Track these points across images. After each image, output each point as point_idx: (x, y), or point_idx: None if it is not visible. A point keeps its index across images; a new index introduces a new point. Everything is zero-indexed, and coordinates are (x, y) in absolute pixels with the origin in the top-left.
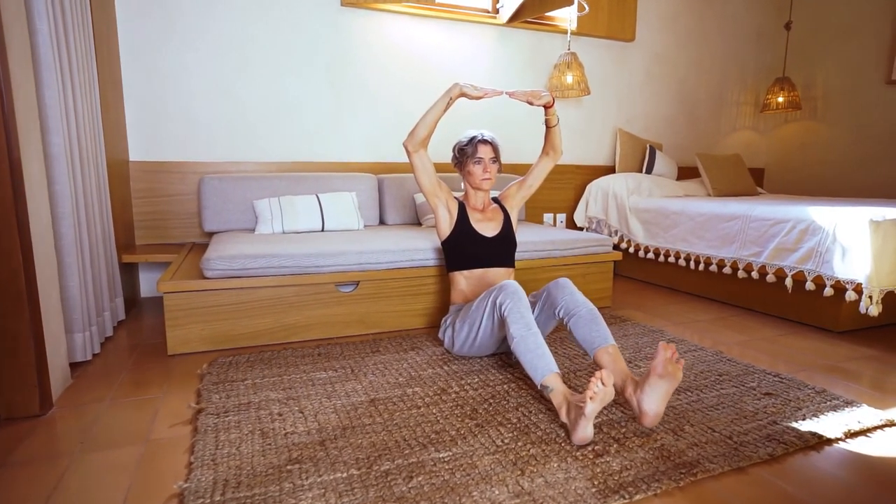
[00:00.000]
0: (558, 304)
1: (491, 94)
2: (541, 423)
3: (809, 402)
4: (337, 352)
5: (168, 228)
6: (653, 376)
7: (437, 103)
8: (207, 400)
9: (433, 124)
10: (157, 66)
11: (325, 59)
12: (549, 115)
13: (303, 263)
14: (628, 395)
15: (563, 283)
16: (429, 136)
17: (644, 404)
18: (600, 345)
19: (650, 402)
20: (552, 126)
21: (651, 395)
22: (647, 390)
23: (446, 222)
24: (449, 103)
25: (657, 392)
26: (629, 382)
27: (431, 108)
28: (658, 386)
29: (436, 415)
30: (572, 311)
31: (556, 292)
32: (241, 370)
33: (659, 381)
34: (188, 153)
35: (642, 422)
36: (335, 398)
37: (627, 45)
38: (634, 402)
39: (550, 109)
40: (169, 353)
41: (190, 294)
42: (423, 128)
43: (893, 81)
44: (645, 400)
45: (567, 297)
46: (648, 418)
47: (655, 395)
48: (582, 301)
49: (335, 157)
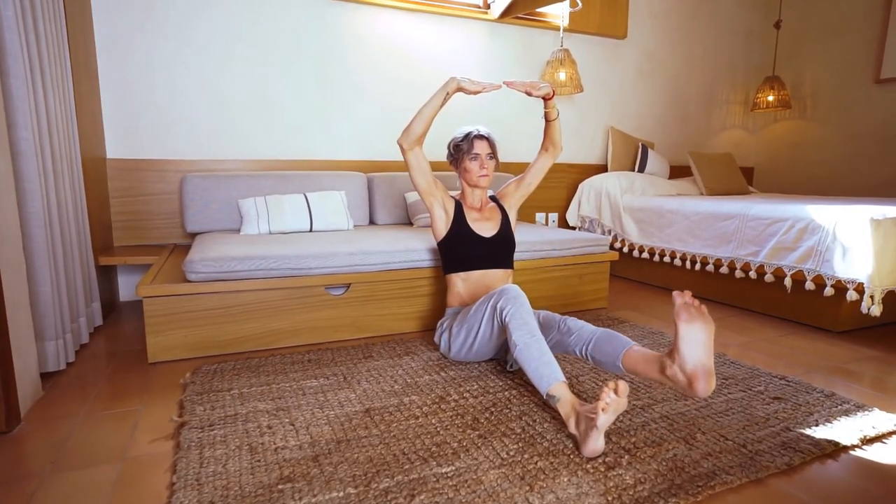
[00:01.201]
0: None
1: (489, 89)
2: (546, 432)
3: (820, 407)
4: (328, 358)
5: (148, 229)
6: (680, 325)
7: (434, 98)
8: (191, 412)
9: (429, 120)
10: (136, 59)
11: (312, 53)
12: (548, 108)
13: (291, 265)
14: (669, 372)
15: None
16: (424, 133)
17: (688, 364)
18: (623, 348)
19: (692, 357)
20: (552, 120)
21: (689, 349)
22: (681, 348)
23: (442, 222)
24: (446, 98)
25: (692, 342)
26: (664, 360)
27: (427, 104)
28: (690, 334)
29: (435, 425)
30: (587, 338)
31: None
32: (226, 379)
33: (688, 328)
34: (169, 150)
35: (695, 389)
36: (328, 408)
37: (619, 43)
38: (678, 373)
39: (550, 102)
40: (150, 361)
41: (171, 298)
42: (419, 124)
43: (881, 80)
44: (686, 358)
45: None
46: (699, 379)
47: (693, 347)
48: (592, 328)
49: (323, 154)
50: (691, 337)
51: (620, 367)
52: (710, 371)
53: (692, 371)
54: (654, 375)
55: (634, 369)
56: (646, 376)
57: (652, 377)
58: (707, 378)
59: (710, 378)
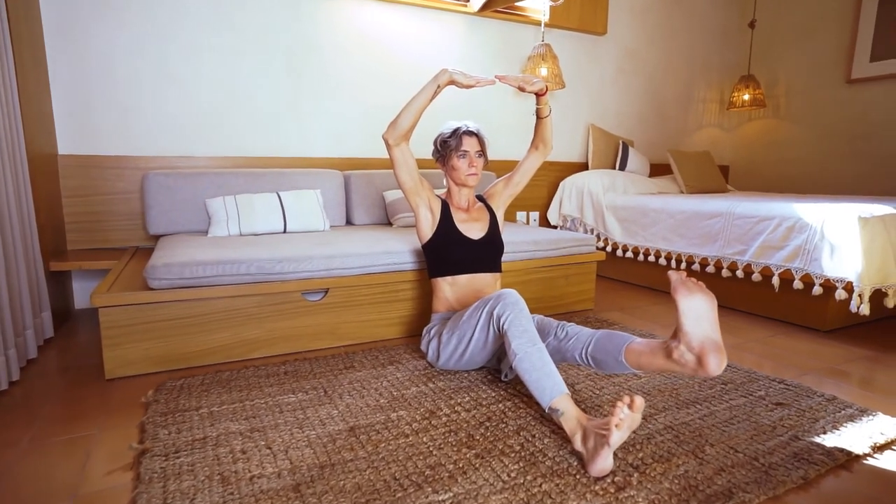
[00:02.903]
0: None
1: (483, 83)
2: (548, 449)
3: (824, 412)
4: (306, 369)
5: (107, 231)
6: (680, 301)
7: (423, 91)
8: (153, 437)
9: (418, 114)
10: (90, 47)
11: (284, 44)
12: (540, 105)
13: (264, 269)
14: (676, 355)
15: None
16: (412, 128)
17: (694, 341)
18: (625, 343)
19: (697, 332)
20: (543, 117)
21: (694, 325)
22: (685, 325)
23: (428, 223)
24: (436, 91)
25: (696, 317)
26: (670, 345)
27: (416, 97)
28: (692, 309)
29: (427, 444)
30: (585, 342)
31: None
32: (194, 396)
33: (688, 302)
34: (129, 146)
35: (707, 367)
36: (308, 428)
37: (599, 39)
38: (684, 354)
39: (542, 98)
40: (107, 378)
41: (132, 308)
42: (407, 118)
43: (852, 80)
44: (692, 335)
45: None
46: (709, 354)
47: (697, 322)
48: (590, 331)
49: (296, 151)
50: (694, 312)
51: (623, 363)
52: (720, 345)
53: (700, 347)
54: (661, 363)
55: (639, 362)
56: (652, 367)
57: (658, 367)
58: (717, 353)
59: (720, 353)
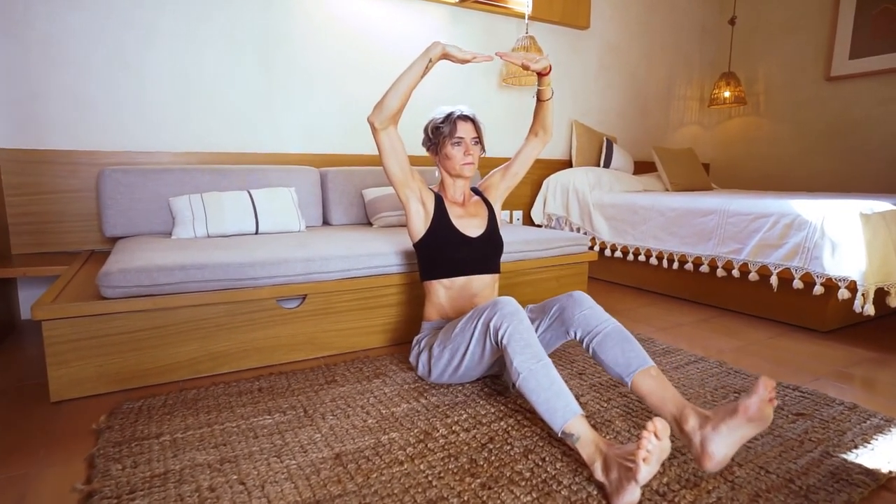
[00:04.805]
0: (574, 323)
1: (480, 59)
2: (562, 475)
3: (849, 423)
4: (283, 384)
5: (58, 233)
6: (739, 416)
7: (413, 66)
8: (104, 474)
9: (407, 93)
10: (36, 29)
11: (254, 31)
12: (542, 86)
13: (235, 275)
14: (689, 429)
15: (579, 296)
16: (401, 109)
17: (712, 445)
18: (639, 366)
19: (720, 446)
20: (545, 99)
21: (726, 439)
22: (722, 430)
23: (420, 219)
24: (428, 67)
25: (736, 436)
26: (690, 413)
27: (405, 73)
28: (741, 429)
29: (426, 473)
30: (595, 328)
31: (571, 308)
32: (154, 420)
33: (746, 424)
34: (81, 140)
35: (703, 464)
36: (287, 456)
37: (581, 34)
38: (697, 440)
39: (545, 78)
40: (52, 401)
41: (82, 320)
42: (395, 97)
43: (831, 78)
44: (715, 441)
45: (586, 312)
46: (713, 463)
47: (731, 440)
48: (605, 317)
49: (268, 147)
50: (738, 432)
51: (627, 384)
52: (726, 462)
53: (711, 453)
54: (665, 416)
55: (644, 396)
56: (653, 409)
57: (660, 415)
58: (718, 465)
59: (720, 465)
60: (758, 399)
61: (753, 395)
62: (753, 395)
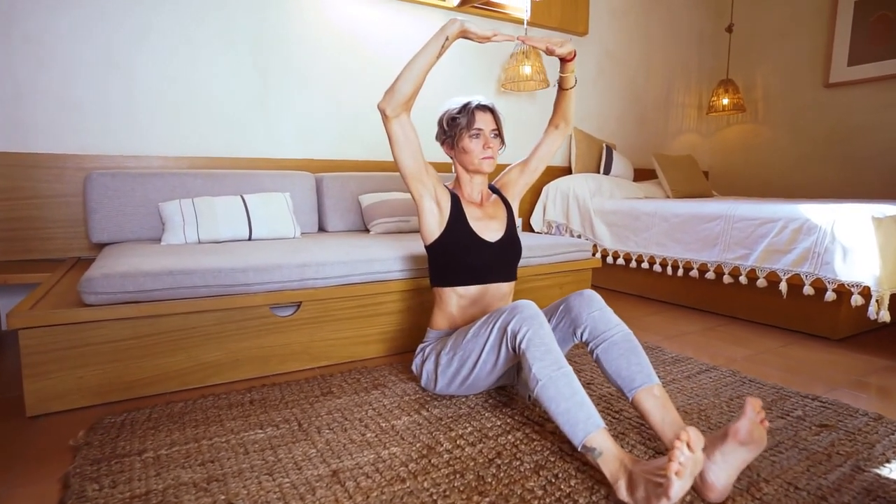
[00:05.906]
0: (582, 323)
1: (501, 38)
2: (577, 494)
3: (876, 435)
4: (276, 396)
5: (42, 240)
6: (731, 441)
7: (428, 46)
8: (79, 495)
9: (422, 76)
10: (20, 29)
11: (249, 34)
12: (566, 73)
13: (226, 281)
14: None
15: (590, 295)
16: (415, 94)
17: (711, 474)
18: (643, 383)
19: (719, 474)
20: (567, 88)
21: (723, 465)
22: (717, 458)
23: (434, 219)
24: (444, 46)
25: (732, 461)
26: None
27: (419, 54)
28: (736, 454)
29: (430, 491)
30: (603, 334)
31: (580, 306)
32: (137, 435)
33: (739, 448)
34: (68, 143)
35: (706, 497)
36: (281, 474)
37: (580, 40)
38: None
39: (569, 65)
40: (28, 415)
41: (61, 329)
42: (408, 81)
43: (830, 85)
44: (713, 470)
45: (595, 315)
46: (715, 493)
47: (728, 465)
48: (615, 322)
49: (263, 151)
50: (734, 457)
51: (628, 398)
52: (728, 490)
53: (712, 483)
54: (663, 441)
55: (643, 415)
56: (653, 430)
57: (661, 439)
58: (721, 495)
59: (723, 495)
60: (747, 421)
61: (742, 417)
62: (742, 417)
